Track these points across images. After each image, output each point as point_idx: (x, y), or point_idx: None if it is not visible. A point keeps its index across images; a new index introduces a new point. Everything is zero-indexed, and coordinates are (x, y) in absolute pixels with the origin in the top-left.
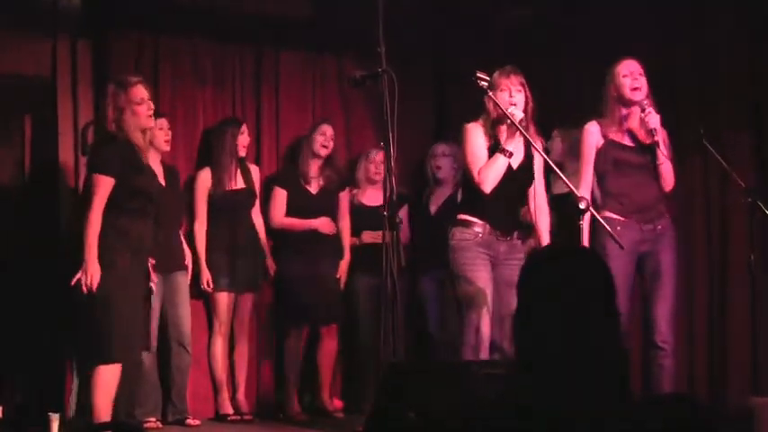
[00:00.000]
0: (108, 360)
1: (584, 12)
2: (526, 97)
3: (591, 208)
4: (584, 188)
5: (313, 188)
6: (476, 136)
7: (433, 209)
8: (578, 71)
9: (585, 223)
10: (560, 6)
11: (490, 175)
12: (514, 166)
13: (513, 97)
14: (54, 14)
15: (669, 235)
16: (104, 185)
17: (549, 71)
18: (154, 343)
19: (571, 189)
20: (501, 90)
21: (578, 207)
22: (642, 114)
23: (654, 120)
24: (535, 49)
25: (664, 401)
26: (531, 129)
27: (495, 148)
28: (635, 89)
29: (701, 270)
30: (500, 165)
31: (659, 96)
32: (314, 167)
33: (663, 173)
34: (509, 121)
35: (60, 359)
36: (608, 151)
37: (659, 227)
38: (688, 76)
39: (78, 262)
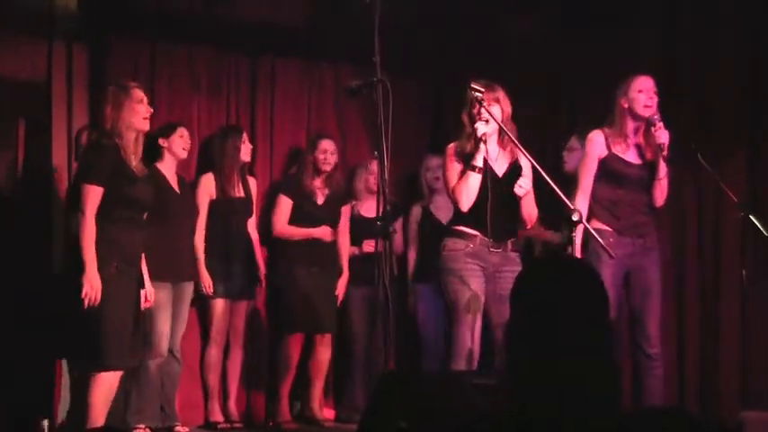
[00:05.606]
0: (98, 368)
1: (583, 24)
2: (502, 110)
3: (584, 220)
4: (582, 198)
5: (319, 199)
6: (450, 157)
7: (443, 216)
8: (580, 82)
9: (578, 235)
10: (561, 17)
11: (462, 192)
12: (500, 174)
13: (480, 114)
14: (50, 18)
15: (656, 250)
16: (94, 195)
17: (550, 81)
18: (165, 348)
19: (564, 200)
20: (472, 105)
21: (571, 219)
22: (653, 129)
23: (664, 135)
24: (535, 59)
25: (657, 414)
26: (506, 139)
27: (467, 165)
28: (647, 106)
29: (692, 283)
30: (471, 182)
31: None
32: (318, 181)
33: (658, 189)
34: (476, 135)
35: (51, 365)
36: (609, 163)
37: (648, 242)
38: (684, 90)
39: (73, 268)
